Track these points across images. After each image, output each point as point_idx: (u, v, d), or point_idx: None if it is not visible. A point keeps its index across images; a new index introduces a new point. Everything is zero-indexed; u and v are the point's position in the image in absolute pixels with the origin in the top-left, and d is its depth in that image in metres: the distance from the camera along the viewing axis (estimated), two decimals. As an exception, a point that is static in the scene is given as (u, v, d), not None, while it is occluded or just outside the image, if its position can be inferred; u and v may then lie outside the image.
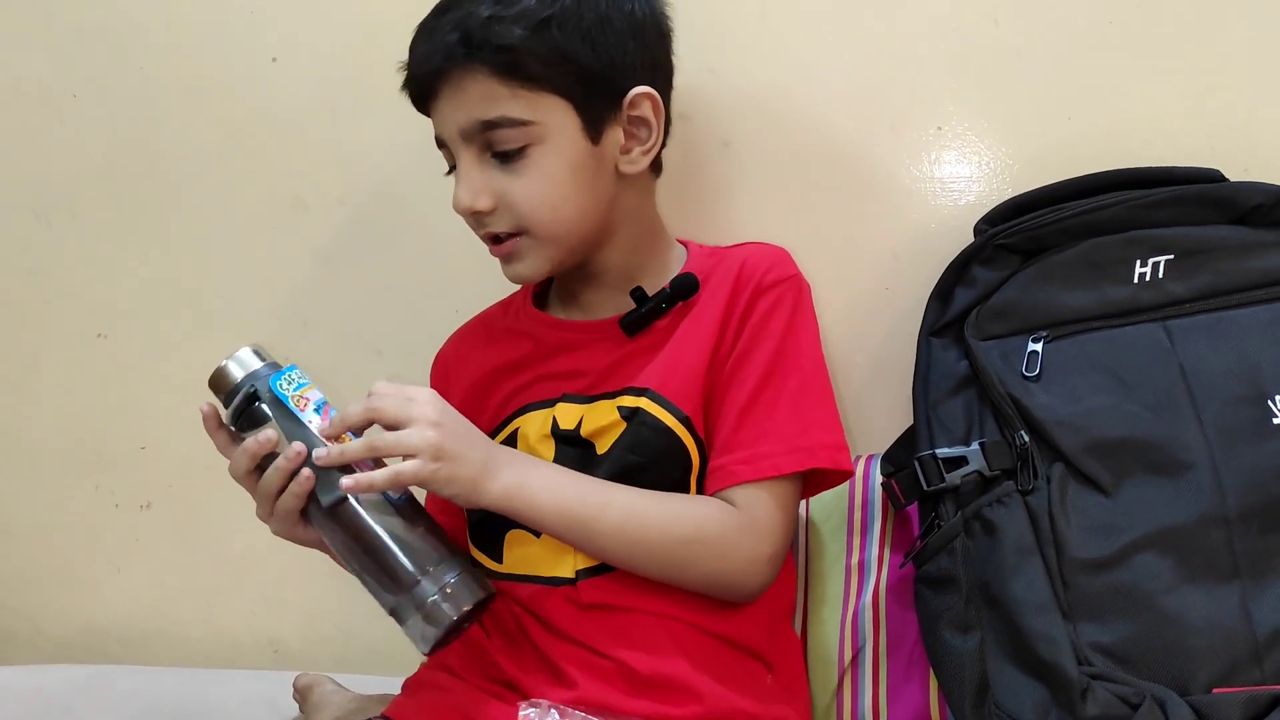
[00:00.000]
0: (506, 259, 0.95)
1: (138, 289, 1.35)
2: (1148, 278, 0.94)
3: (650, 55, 0.95)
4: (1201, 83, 1.05)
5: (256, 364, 0.85)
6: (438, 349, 1.12)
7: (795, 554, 1.04)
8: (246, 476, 0.84)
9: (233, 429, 0.85)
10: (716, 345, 0.93)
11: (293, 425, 0.82)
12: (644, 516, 0.88)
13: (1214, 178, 0.96)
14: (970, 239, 1.02)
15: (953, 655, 0.88)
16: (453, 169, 0.94)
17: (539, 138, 0.89)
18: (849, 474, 0.96)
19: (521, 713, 0.83)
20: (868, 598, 1.01)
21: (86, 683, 1.20)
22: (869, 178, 1.11)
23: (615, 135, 0.93)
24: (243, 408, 0.84)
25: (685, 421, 0.91)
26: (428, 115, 0.94)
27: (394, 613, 0.81)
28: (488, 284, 1.11)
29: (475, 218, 0.93)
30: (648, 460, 0.91)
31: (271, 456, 0.82)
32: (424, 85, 0.92)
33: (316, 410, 0.84)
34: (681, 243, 1.04)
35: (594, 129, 0.91)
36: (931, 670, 0.92)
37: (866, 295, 1.10)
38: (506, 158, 0.90)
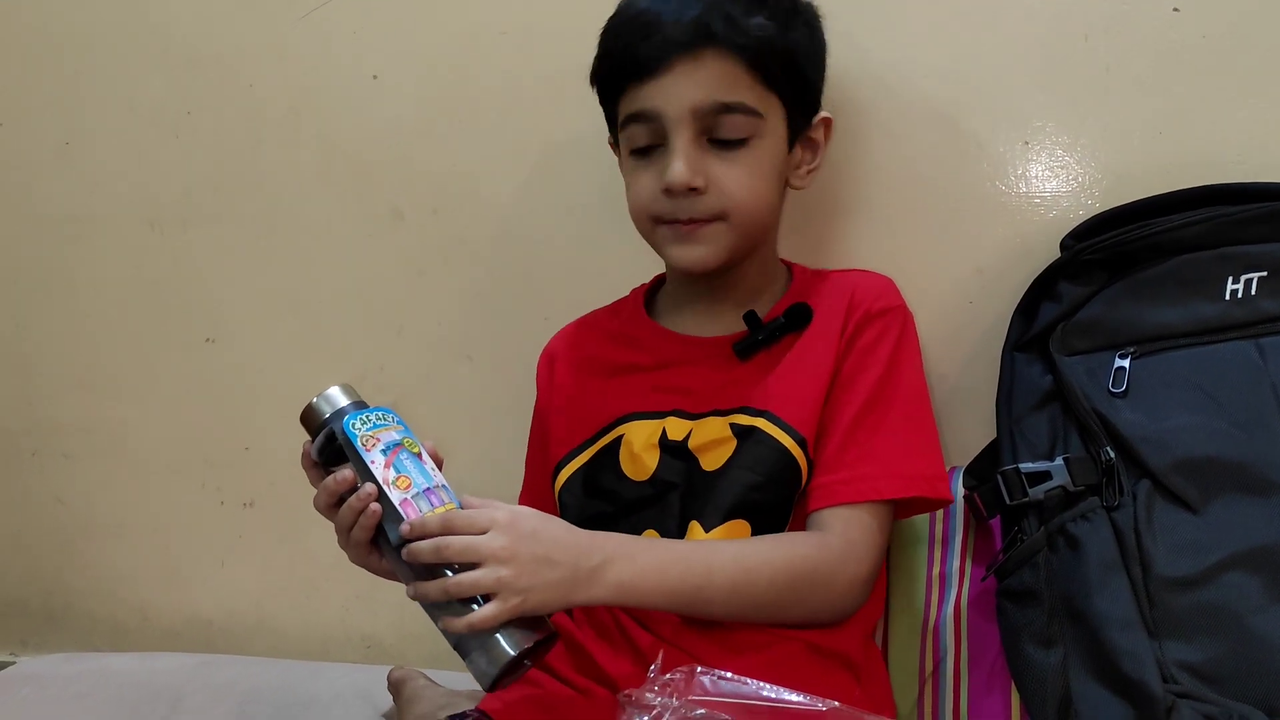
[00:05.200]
0: (691, 240, 0.95)
1: (244, 296, 1.41)
2: (1240, 294, 0.93)
3: (822, 83, 1.01)
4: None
5: (342, 402, 0.86)
6: (527, 356, 1.15)
7: (877, 564, 1.05)
8: (327, 510, 0.86)
9: (319, 464, 0.87)
10: (831, 370, 0.95)
11: (361, 466, 0.83)
12: (749, 578, 0.87)
13: (1309, 194, 0.95)
14: (1056, 254, 1.02)
15: (1035, 669, 0.88)
16: (640, 150, 0.95)
17: (761, 132, 0.93)
18: (947, 502, 0.97)
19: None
20: (949, 609, 1.01)
21: (194, 671, 1.25)
22: (954, 193, 1.11)
23: (797, 150, 0.99)
24: (324, 445, 0.85)
25: (801, 443, 0.93)
26: (622, 89, 0.95)
27: (457, 647, 0.81)
28: (577, 292, 1.15)
29: (677, 199, 0.93)
30: (764, 479, 0.92)
31: (353, 491, 0.83)
32: (658, 57, 0.91)
33: (383, 452, 0.83)
34: (784, 262, 1.06)
35: (792, 138, 0.97)
36: (1014, 684, 0.93)
37: (950, 310, 1.10)
38: (726, 145, 0.93)
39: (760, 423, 0.94)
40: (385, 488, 0.82)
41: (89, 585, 1.50)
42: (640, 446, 0.96)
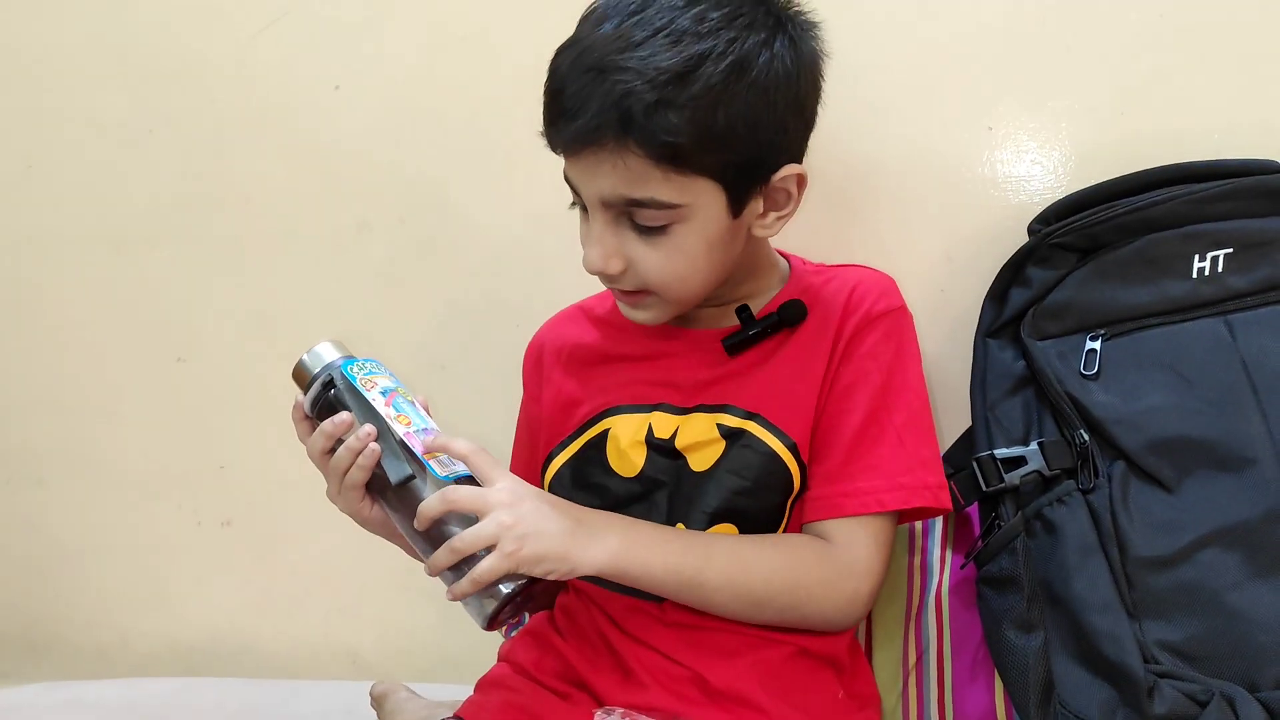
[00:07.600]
0: (631, 305, 0.93)
1: (213, 314, 1.40)
2: (1207, 272, 0.93)
3: (807, 128, 0.92)
4: (1256, 74, 1.03)
5: (334, 355, 0.89)
6: (500, 363, 1.14)
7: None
8: (322, 456, 0.86)
9: (312, 416, 0.88)
10: (825, 373, 0.93)
11: (361, 407, 0.85)
12: (747, 569, 0.87)
13: (1271, 169, 0.95)
14: (1024, 239, 1.02)
15: (1016, 655, 0.88)
16: (578, 205, 0.91)
17: (684, 217, 0.85)
18: (948, 511, 0.95)
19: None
20: (930, 599, 1.01)
21: (174, 695, 1.24)
22: (920, 181, 1.11)
23: (756, 205, 0.90)
24: (319, 395, 0.87)
25: (792, 448, 0.91)
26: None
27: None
28: (548, 299, 1.13)
29: (604, 275, 0.90)
30: (753, 484, 0.91)
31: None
32: (566, 142, 0.85)
33: (383, 394, 0.86)
34: (782, 254, 1.03)
35: (738, 205, 0.87)
36: (996, 671, 0.92)
37: (922, 299, 1.09)
38: (645, 230, 0.86)
39: (750, 425, 0.92)
40: (388, 422, 0.84)
41: (68, 613, 1.48)
42: (627, 443, 0.94)
